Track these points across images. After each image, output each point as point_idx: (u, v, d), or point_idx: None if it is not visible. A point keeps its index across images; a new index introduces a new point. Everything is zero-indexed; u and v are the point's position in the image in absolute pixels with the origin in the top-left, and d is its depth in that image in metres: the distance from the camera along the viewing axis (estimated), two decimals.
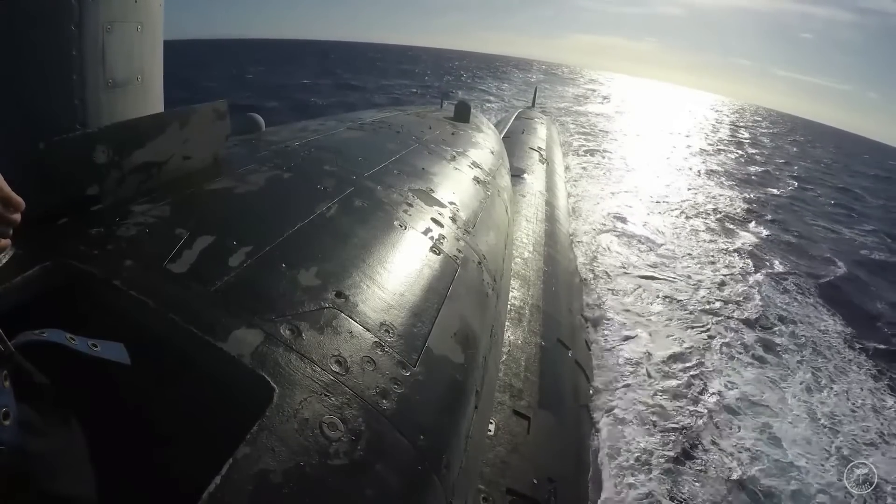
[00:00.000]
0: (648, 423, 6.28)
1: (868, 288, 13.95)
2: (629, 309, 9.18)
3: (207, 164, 2.63)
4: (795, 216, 21.43)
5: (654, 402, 6.73)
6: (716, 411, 6.94)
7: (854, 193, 32.29)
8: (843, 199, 28.73)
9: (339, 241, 2.40)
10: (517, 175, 9.58)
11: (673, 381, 7.33)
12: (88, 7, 1.83)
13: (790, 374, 8.45)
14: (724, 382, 7.68)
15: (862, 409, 7.91)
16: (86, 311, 1.49)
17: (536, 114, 22.43)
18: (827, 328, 10.53)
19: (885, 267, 16.46)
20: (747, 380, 7.95)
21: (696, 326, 9.27)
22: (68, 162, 1.85)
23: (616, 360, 7.29)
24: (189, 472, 1.20)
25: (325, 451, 1.35)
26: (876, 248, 18.65)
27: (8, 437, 0.81)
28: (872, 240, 19.91)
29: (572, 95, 60.74)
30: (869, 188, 36.51)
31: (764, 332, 9.70)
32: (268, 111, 23.12)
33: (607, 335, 7.95)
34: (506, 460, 3.60)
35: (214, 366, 1.46)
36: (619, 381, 6.77)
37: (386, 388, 1.71)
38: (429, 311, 2.30)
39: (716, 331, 9.22)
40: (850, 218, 23.84)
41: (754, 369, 8.33)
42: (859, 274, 14.93)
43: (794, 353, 9.18)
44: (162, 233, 1.92)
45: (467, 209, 3.92)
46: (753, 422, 6.97)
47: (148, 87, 2.28)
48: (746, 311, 10.35)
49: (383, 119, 5.62)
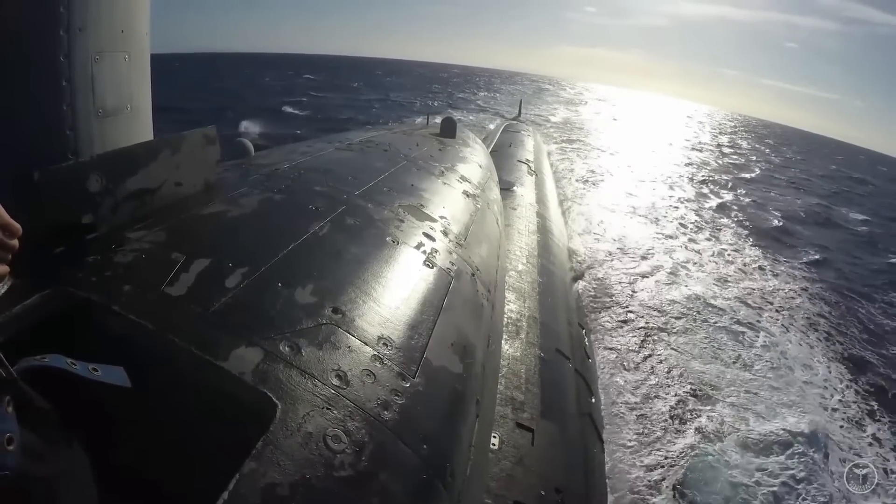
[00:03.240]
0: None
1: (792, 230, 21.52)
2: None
3: (199, 189, 2.65)
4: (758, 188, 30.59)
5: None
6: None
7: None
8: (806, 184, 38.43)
9: (333, 259, 2.42)
10: (507, 188, 9.67)
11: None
12: (77, 38, 1.87)
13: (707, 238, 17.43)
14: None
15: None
16: (86, 337, 1.50)
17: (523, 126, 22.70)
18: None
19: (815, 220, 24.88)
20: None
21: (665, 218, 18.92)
22: (63, 191, 1.87)
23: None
24: (196, 490, 1.20)
25: (330, 463, 1.35)
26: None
27: (12, 462, 0.81)
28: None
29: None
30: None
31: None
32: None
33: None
34: (511, 473, 3.58)
35: (217, 384, 1.46)
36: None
37: (387, 399, 1.72)
38: (425, 323, 2.31)
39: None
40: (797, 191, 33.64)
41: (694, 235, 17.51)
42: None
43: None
44: (158, 258, 1.93)
45: (458, 223, 3.95)
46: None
47: (138, 116, 2.31)
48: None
49: (370, 138, 5.68)
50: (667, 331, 9.71)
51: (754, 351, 9.60)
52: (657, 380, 8.01)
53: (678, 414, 7.28)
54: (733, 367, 8.90)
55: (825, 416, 7.98)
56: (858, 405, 8.59)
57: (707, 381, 8.25)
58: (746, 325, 10.60)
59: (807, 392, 8.56)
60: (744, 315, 11.09)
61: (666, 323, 10.06)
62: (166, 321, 1.59)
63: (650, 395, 7.56)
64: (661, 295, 11.34)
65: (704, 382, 8.20)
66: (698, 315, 10.65)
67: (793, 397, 8.26)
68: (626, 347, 8.80)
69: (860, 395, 8.95)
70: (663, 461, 6.31)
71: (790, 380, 8.84)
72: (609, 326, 9.37)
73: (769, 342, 10.05)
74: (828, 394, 8.73)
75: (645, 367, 8.35)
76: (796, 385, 8.69)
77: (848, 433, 7.78)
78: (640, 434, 6.66)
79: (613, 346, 8.75)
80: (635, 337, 9.23)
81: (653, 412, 7.20)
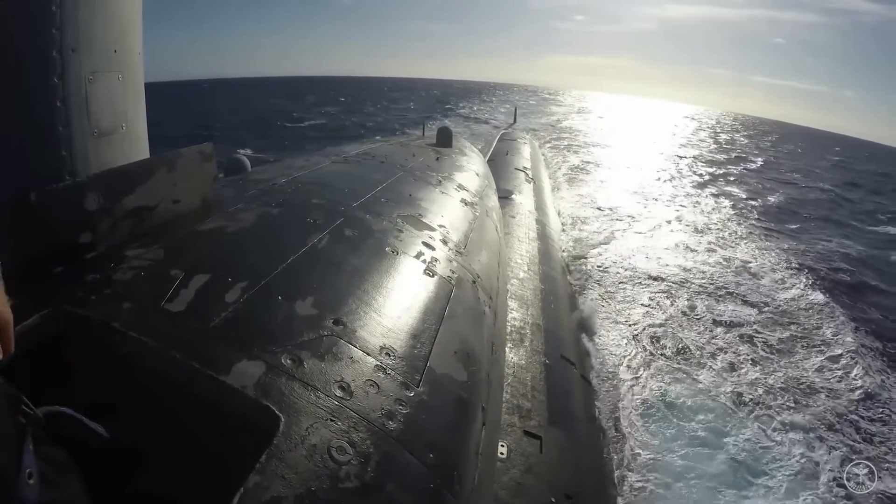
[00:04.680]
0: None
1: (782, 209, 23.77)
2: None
3: (197, 205, 2.65)
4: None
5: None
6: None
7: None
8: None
9: (333, 271, 2.41)
10: (505, 196, 9.67)
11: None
12: (70, 59, 1.88)
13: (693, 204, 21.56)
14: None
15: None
16: (87, 356, 1.49)
17: (519, 134, 22.80)
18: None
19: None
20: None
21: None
22: (60, 211, 1.87)
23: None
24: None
25: (336, 475, 1.34)
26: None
27: (32, 496, 0.87)
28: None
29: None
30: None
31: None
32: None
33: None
34: (521, 482, 3.53)
35: (219, 399, 1.45)
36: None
37: (391, 409, 1.70)
38: (427, 331, 2.30)
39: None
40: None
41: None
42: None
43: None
44: (157, 275, 1.92)
45: (457, 231, 3.94)
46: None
47: (133, 135, 2.31)
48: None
49: (367, 151, 5.69)
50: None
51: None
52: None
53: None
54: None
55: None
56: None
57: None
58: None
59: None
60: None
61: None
62: (167, 337, 1.58)
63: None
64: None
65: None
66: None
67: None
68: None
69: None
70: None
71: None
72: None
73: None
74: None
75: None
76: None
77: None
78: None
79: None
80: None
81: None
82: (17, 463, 0.87)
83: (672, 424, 6.63)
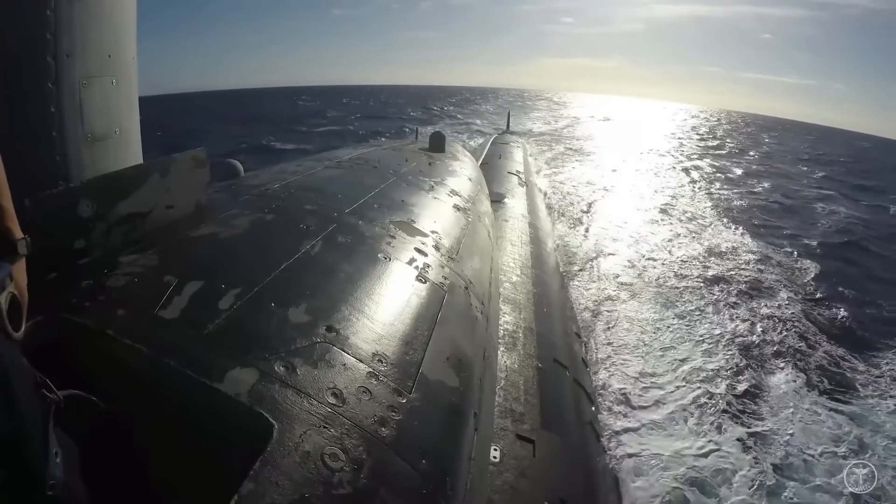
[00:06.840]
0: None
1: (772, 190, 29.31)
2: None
3: (190, 211, 2.65)
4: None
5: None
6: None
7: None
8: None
9: (325, 278, 2.42)
10: (498, 200, 9.70)
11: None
12: (64, 64, 1.88)
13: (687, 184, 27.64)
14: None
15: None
16: (81, 363, 1.49)
17: (511, 138, 22.88)
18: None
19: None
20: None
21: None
22: (54, 217, 1.86)
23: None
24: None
25: (329, 482, 1.34)
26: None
27: (59, 472, 0.98)
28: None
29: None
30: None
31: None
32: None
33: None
34: (514, 486, 3.53)
35: (212, 406, 1.45)
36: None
37: (384, 416, 1.71)
38: (420, 338, 2.31)
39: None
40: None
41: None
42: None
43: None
44: (151, 281, 1.92)
45: (450, 237, 3.96)
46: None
47: (126, 140, 2.31)
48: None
49: (360, 155, 5.70)
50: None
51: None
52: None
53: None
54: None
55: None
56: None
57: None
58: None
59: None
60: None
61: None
62: (160, 344, 1.58)
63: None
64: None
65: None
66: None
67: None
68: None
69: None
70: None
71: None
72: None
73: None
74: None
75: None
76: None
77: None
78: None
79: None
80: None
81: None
82: (46, 442, 0.95)
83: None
